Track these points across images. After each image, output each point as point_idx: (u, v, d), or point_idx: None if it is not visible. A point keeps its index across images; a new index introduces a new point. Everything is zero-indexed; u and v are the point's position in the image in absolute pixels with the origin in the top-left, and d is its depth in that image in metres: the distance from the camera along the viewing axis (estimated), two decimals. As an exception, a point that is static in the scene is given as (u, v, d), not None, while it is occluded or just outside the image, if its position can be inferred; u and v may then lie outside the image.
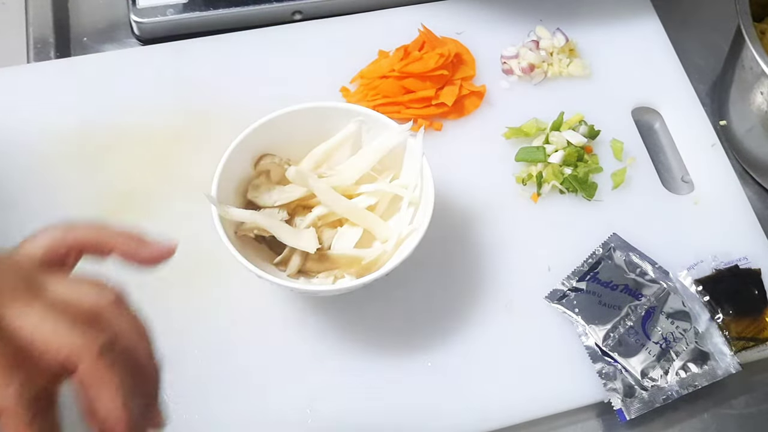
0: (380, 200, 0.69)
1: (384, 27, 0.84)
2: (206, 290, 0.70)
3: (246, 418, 0.65)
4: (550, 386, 0.68)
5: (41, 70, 0.81)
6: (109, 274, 0.49)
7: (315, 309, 0.70)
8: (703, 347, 0.69)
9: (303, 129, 0.70)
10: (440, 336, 0.69)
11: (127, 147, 0.76)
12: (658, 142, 0.83)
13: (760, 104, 0.75)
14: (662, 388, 0.67)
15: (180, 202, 0.73)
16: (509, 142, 0.79)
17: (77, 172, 0.75)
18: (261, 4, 0.84)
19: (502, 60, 0.84)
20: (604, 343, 0.68)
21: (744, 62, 0.75)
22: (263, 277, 0.63)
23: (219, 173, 0.66)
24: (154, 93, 0.79)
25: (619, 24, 0.87)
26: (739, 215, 0.77)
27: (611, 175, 0.78)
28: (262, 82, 0.80)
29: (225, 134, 0.69)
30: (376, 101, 0.78)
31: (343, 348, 0.68)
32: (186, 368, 0.67)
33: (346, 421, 0.66)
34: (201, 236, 0.70)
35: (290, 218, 0.69)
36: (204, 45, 0.83)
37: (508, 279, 0.72)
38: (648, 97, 0.83)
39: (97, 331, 0.43)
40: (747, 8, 0.75)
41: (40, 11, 0.85)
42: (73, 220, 0.51)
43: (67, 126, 0.77)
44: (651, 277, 0.71)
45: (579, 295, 0.71)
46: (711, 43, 0.89)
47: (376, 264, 0.66)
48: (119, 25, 0.86)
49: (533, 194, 0.76)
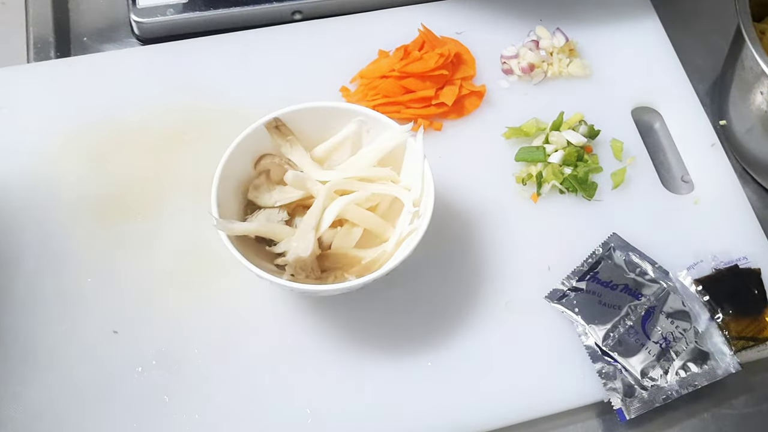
0: (381, 200, 0.69)
1: (384, 27, 0.84)
2: (206, 290, 0.70)
3: (246, 417, 0.65)
4: (550, 386, 0.68)
5: (41, 70, 0.81)
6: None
7: (315, 309, 0.70)
8: (703, 347, 0.69)
9: (303, 129, 0.70)
10: (440, 336, 0.69)
11: (127, 147, 0.76)
12: (658, 141, 0.83)
13: (759, 104, 0.75)
14: (662, 387, 0.67)
15: (180, 201, 0.73)
16: (509, 142, 0.79)
17: (77, 172, 0.75)
18: (261, 4, 0.84)
19: (502, 60, 0.84)
20: (604, 342, 0.68)
21: (744, 62, 0.75)
22: (263, 277, 0.63)
23: (219, 173, 0.66)
24: (154, 93, 0.79)
25: (619, 24, 0.87)
26: (739, 215, 0.77)
27: (611, 175, 0.78)
28: (262, 82, 0.80)
29: (225, 134, 0.69)
30: (376, 101, 0.78)
31: (343, 348, 0.69)
32: (186, 368, 0.67)
33: (346, 421, 0.66)
34: (201, 236, 0.70)
35: (290, 218, 0.69)
36: (204, 45, 0.83)
37: (508, 279, 0.72)
38: (648, 97, 0.83)
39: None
40: (747, 8, 0.75)
41: (40, 11, 0.86)
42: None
43: (67, 126, 0.77)
44: (651, 277, 0.72)
45: (579, 295, 0.71)
46: (711, 43, 0.89)
47: (376, 264, 0.66)
48: (119, 25, 0.86)
49: (533, 194, 0.76)
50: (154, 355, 0.67)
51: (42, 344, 0.67)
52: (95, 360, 0.67)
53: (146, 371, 0.67)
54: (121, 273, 0.70)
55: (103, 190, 0.74)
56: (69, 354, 0.67)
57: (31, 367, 0.66)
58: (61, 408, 0.65)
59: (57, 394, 0.65)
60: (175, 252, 0.71)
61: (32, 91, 0.79)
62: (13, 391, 0.65)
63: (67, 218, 0.72)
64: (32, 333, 0.67)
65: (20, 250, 0.71)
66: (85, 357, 0.67)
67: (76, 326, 0.68)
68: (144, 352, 0.67)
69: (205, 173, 0.67)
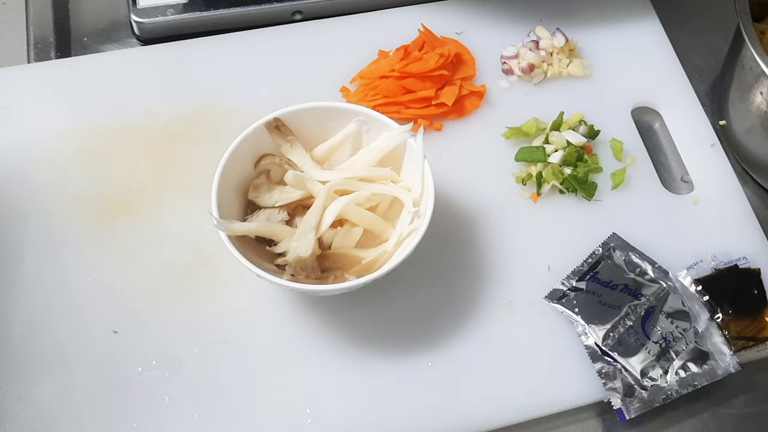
0: (381, 200, 0.69)
1: (384, 27, 0.85)
2: (206, 290, 0.70)
3: (246, 417, 0.65)
4: (550, 386, 0.68)
5: (41, 70, 0.81)
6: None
7: (315, 309, 0.70)
8: (703, 347, 0.69)
9: (303, 129, 0.70)
10: (440, 336, 0.69)
11: (127, 147, 0.76)
12: (658, 142, 0.83)
13: (759, 104, 0.75)
14: (662, 387, 0.67)
15: (180, 201, 0.74)
16: (509, 142, 0.79)
17: (77, 172, 0.75)
18: (261, 4, 0.84)
19: (502, 60, 0.84)
20: (603, 342, 0.68)
21: (743, 62, 0.75)
22: (263, 277, 0.63)
23: (219, 173, 0.66)
24: (154, 93, 0.79)
25: (619, 24, 0.87)
26: (739, 215, 0.77)
27: (611, 175, 0.78)
28: (262, 82, 0.80)
29: (225, 134, 0.69)
30: (376, 101, 0.78)
31: (343, 348, 0.69)
32: (185, 367, 0.67)
33: (346, 420, 0.66)
34: (201, 236, 0.70)
35: (290, 218, 0.69)
36: (204, 45, 0.83)
37: (508, 279, 0.72)
38: (648, 97, 0.84)
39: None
40: (747, 8, 0.75)
41: (40, 11, 0.86)
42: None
43: (67, 126, 0.77)
44: (651, 277, 0.72)
45: (579, 295, 0.71)
46: (711, 43, 0.89)
47: (376, 264, 0.66)
48: (119, 25, 0.86)
49: (533, 194, 0.76)
50: (154, 355, 0.67)
51: (42, 344, 0.67)
52: (95, 360, 0.67)
53: (146, 371, 0.67)
54: (121, 273, 0.70)
55: (103, 190, 0.74)
56: (69, 354, 0.67)
57: (32, 368, 0.66)
58: (61, 408, 0.65)
59: (57, 395, 0.65)
60: (175, 252, 0.71)
61: (32, 91, 0.79)
62: (13, 391, 0.65)
63: (67, 218, 0.72)
64: (32, 333, 0.67)
65: (20, 250, 0.71)
66: (85, 357, 0.67)
67: (76, 326, 0.68)
68: (144, 352, 0.67)
69: (205, 173, 0.67)
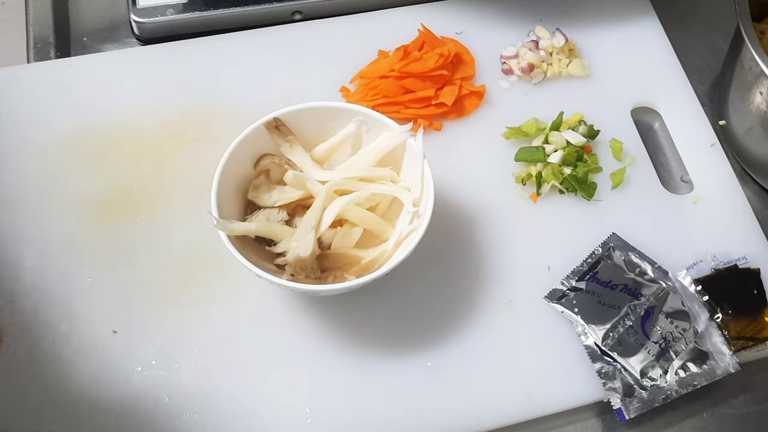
0: (381, 200, 0.69)
1: (384, 27, 0.85)
2: (206, 290, 0.70)
3: (245, 417, 0.66)
4: (550, 386, 0.68)
5: (41, 70, 0.81)
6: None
7: (315, 309, 0.70)
8: (703, 347, 0.69)
9: (303, 129, 0.70)
10: (440, 336, 0.69)
11: (127, 147, 0.76)
12: (658, 142, 0.83)
13: (759, 104, 0.75)
14: (661, 387, 0.67)
15: (180, 201, 0.74)
16: (509, 142, 0.79)
17: (77, 172, 0.75)
18: (261, 4, 0.84)
19: (502, 60, 0.84)
20: (603, 342, 0.69)
21: (743, 62, 0.75)
22: (263, 277, 0.63)
23: (219, 173, 0.66)
24: (154, 93, 0.79)
25: (619, 24, 0.87)
26: (738, 215, 0.77)
27: (610, 175, 0.78)
28: (262, 82, 0.80)
29: (225, 134, 0.69)
30: (376, 101, 0.78)
31: (343, 348, 0.69)
32: (185, 367, 0.67)
33: (346, 421, 0.66)
34: (201, 236, 0.70)
35: (290, 218, 0.69)
36: (204, 45, 0.83)
37: (507, 279, 0.72)
38: (647, 97, 0.84)
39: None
40: (746, 8, 0.75)
41: (40, 11, 0.85)
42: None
43: (67, 126, 0.77)
44: (650, 277, 0.72)
45: (578, 295, 0.71)
46: (711, 43, 0.89)
47: (376, 264, 0.66)
48: (119, 25, 0.86)
49: (533, 194, 0.77)
50: (154, 355, 0.67)
51: (42, 344, 0.67)
52: (95, 360, 0.67)
53: (146, 371, 0.67)
54: (120, 273, 0.70)
55: (103, 190, 0.74)
56: (69, 354, 0.67)
57: (32, 368, 0.66)
58: (61, 408, 0.65)
59: (57, 395, 0.65)
60: (175, 252, 0.71)
61: (32, 91, 0.79)
62: (13, 391, 0.65)
63: (67, 218, 0.72)
64: (32, 333, 0.67)
65: (20, 250, 0.71)
66: (85, 357, 0.67)
67: (76, 326, 0.68)
68: (144, 352, 0.67)
69: (205, 173, 0.67)
